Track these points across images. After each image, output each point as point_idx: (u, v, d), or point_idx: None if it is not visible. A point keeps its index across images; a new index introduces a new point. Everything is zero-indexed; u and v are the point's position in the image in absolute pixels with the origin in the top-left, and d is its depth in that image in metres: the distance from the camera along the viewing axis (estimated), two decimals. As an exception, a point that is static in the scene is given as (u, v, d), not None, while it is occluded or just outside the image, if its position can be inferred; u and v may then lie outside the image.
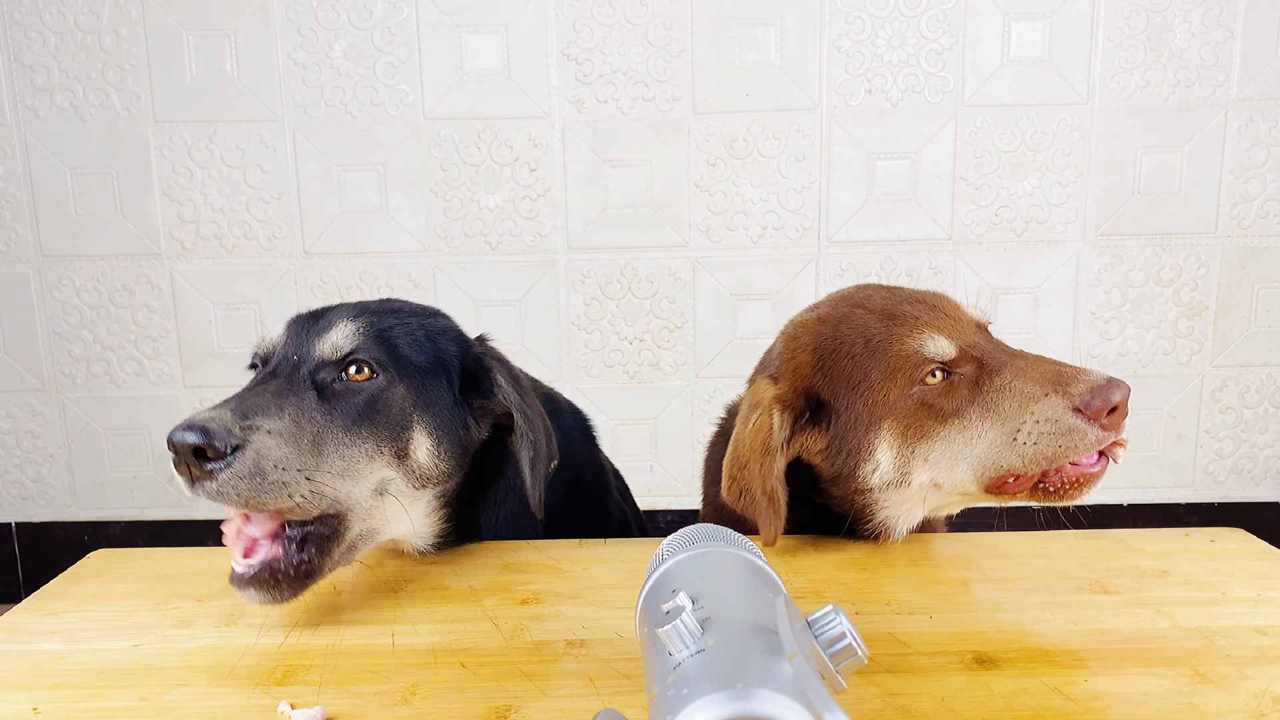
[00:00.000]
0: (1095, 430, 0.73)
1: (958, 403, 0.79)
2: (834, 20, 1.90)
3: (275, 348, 0.81)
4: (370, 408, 0.77)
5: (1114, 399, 0.72)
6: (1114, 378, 0.74)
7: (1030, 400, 0.75)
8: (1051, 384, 0.75)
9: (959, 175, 1.96)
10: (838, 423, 0.84)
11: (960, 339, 0.81)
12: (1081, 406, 0.73)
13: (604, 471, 1.10)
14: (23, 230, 1.96)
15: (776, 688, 0.38)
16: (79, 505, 2.09)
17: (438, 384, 0.82)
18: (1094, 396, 0.73)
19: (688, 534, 0.58)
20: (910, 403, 0.80)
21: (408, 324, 0.83)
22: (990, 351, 0.81)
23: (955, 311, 0.85)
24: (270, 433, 0.69)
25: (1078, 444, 0.74)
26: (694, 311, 2.02)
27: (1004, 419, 0.76)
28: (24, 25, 1.88)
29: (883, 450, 0.82)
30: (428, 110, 1.93)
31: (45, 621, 0.74)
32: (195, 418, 0.67)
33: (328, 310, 0.85)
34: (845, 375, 0.83)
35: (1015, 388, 0.77)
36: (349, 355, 0.78)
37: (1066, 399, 0.74)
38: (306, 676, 0.64)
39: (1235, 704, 0.58)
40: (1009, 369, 0.78)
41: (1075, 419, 0.73)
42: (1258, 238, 1.99)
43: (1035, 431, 0.75)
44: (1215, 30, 1.90)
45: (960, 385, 0.80)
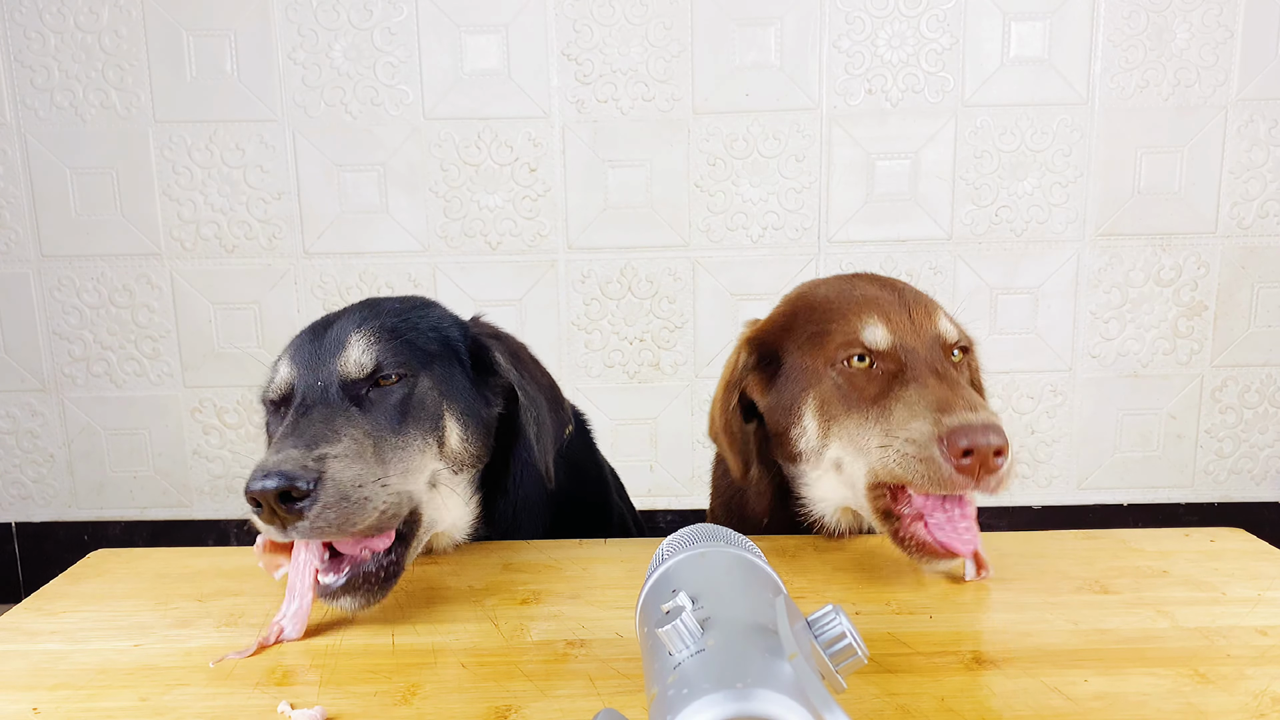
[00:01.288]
0: (948, 467, 0.71)
1: (865, 394, 0.81)
2: (834, 20, 1.90)
3: (292, 383, 0.81)
4: (406, 406, 0.79)
5: (976, 440, 0.70)
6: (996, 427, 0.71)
7: (911, 417, 0.75)
8: (936, 409, 0.74)
9: (959, 175, 1.96)
10: (782, 377, 0.88)
11: (901, 339, 0.82)
12: (943, 437, 0.72)
13: (603, 470, 1.11)
14: (23, 230, 1.96)
15: (776, 688, 0.38)
16: (79, 505, 2.09)
17: (453, 369, 0.85)
18: (957, 433, 0.71)
19: (688, 534, 0.58)
20: (830, 378, 0.83)
21: (409, 320, 0.84)
22: (920, 362, 0.80)
23: (923, 318, 0.85)
24: (338, 457, 0.70)
25: (928, 473, 0.72)
26: (694, 311, 2.02)
27: (887, 428, 0.77)
28: (24, 25, 1.88)
29: (808, 417, 0.85)
30: (428, 110, 1.93)
31: (45, 621, 0.74)
32: (267, 465, 0.67)
33: (326, 327, 0.84)
34: (799, 336, 0.87)
35: (909, 401, 0.77)
36: (376, 368, 0.79)
37: (936, 426, 0.73)
38: (306, 676, 0.64)
39: (1235, 704, 0.58)
40: (918, 384, 0.78)
41: (935, 449, 0.72)
42: (1258, 238, 1.99)
43: (901, 449, 0.74)
44: (1215, 30, 1.90)
45: (875, 379, 0.81)
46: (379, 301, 0.89)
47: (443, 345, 0.85)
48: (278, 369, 0.83)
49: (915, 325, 0.84)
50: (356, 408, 0.77)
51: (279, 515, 0.67)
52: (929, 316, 0.85)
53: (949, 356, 0.84)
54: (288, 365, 0.82)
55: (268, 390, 0.84)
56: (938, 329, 0.85)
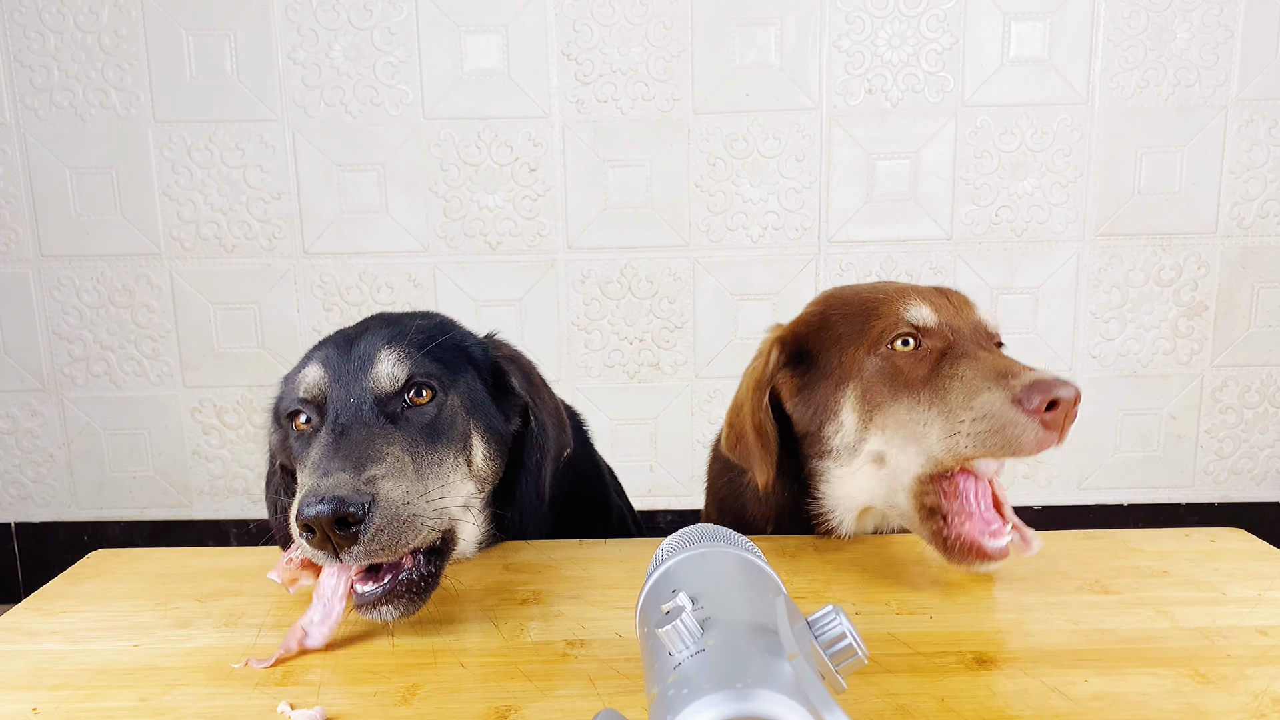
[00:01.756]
0: (1034, 426, 0.71)
1: (914, 376, 0.80)
2: (834, 20, 1.90)
3: (324, 390, 0.79)
4: (438, 424, 0.79)
5: (1055, 393, 0.70)
6: (1064, 379, 0.72)
7: (975, 392, 0.75)
8: (997, 377, 0.74)
9: (959, 175, 1.96)
10: (814, 372, 0.87)
11: (944, 317, 0.82)
12: (1021, 398, 0.71)
13: (600, 470, 1.11)
14: (23, 230, 1.96)
15: (776, 688, 0.38)
16: (79, 505, 2.09)
17: (476, 386, 0.85)
18: (1034, 389, 0.71)
19: (688, 534, 0.58)
20: (875, 366, 0.82)
21: (434, 337, 0.85)
22: (964, 339, 0.81)
23: (962, 304, 0.86)
24: (385, 478, 0.70)
25: (1015, 437, 0.72)
26: (694, 311, 2.02)
27: (949, 409, 0.76)
28: (24, 25, 1.88)
29: (846, 411, 0.84)
30: (428, 110, 1.93)
31: (45, 621, 0.74)
32: (320, 490, 0.66)
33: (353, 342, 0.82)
34: (834, 332, 0.87)
35: (966, 377, 0.76)
36: (408, 381, 0.79)
37: (1008, 391, 0.73)
38: (306, 676, 0.64)
39: (1235, 704, 0.58)
40: (969, 359, 0.78)
41: (1014, 411, 0.72)
42: (1258, 238, 1.99)
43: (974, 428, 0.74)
44: (1215, 30, 1.90)
45: (923, 359, 0.80)
46: (400, 318, 0.88)
47: (465, 363, 0.86)
48: (305, 372, 0.81)
49: (956, 309, 0.84)
50: (392, 424, 0.76)
51: (332, 541, 0.66)
52: (967, 304, 0.86)
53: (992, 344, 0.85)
54: (319, 371, 0.80)
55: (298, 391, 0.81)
56: (977, 315, 0.86)
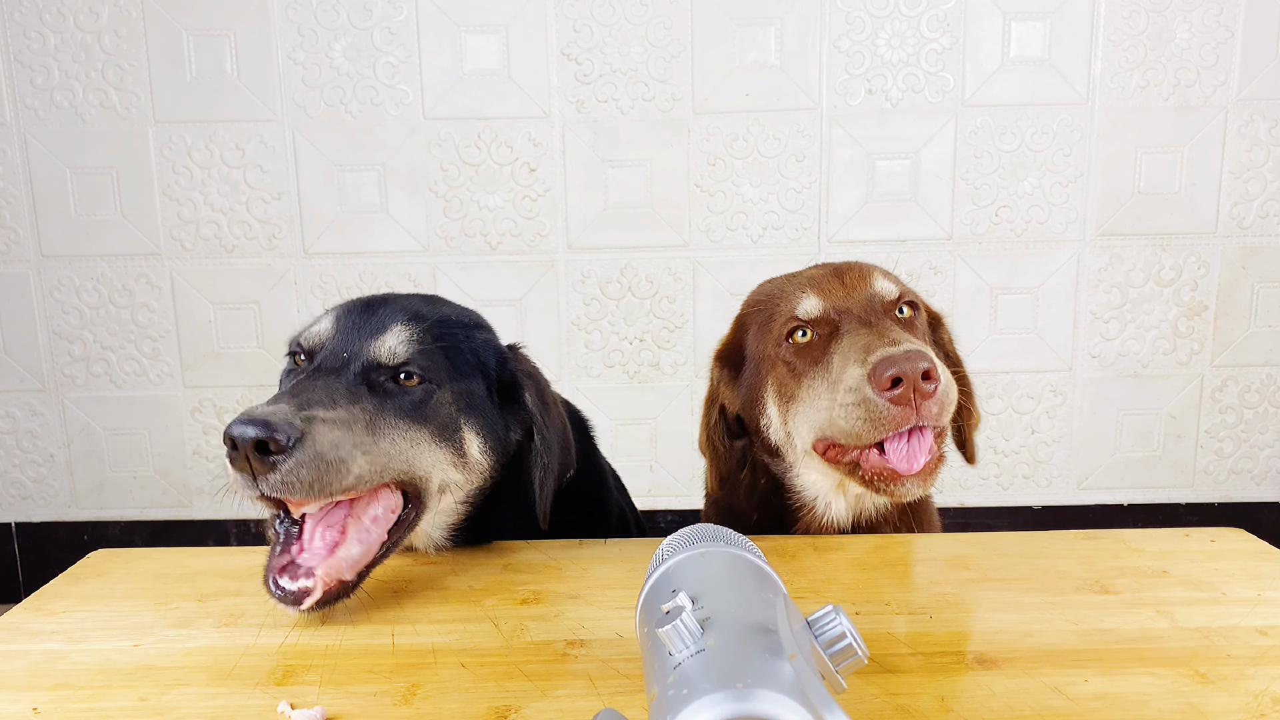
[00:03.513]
0: (883, 402, 0.70)
1: (808, 363, 0.81)
2: (834, 20, 1.90)
3: (324, 340, 0.82)
4: (421, 406, 0.79)
5: (901, 368, 0.69)
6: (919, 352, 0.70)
7: (845, 365, 0.75)
8: (862, 351, 0.74)
9: (959, 175, 1.96)
10: (743, 374, 0.90)
11: (831, 302, 0.83)
12: (871, 375, 0.71)
13: (602, 471, 1.10)
14: (23, 230, 1.96)
15: (776, 688, 0.38)
16: (79, 505, 2.09)
17: (479, 390, 0.86)
18: (880, 365, 0.70)
19: (688, 534, 0.58)
20: (780, 358, 0.84)
21: (455, 335, 0.85)
22: (849, 317, 0.81)
23: (856, 281, 0.85)
24: (326, 421, 0.70)
25: (871, 415, 0.71)
26: (694, 311, 2.02)
27: (831, 383, 0.76)
28: (24, 25, 1.88)
29: (769, 403, 0.86)
30: (428, 110, 1.93)
31: (45, 621, 0.74)
32: (254, 412, 0.67)
33: (378, 306, 0.84)
34: (751, 333, 0.90)
35: (843, 350, 0.77)
36: (403, 364, 0.79)
37: (864, 367, 0.72)
38: (306, 676, 0.64)
39: (1235, 704, 0.58)
40: (850, 336, 0.78)
41: (868, 389, 0.71)
42: (1258, 238, 1.99)
43: (844, 401, 0.74)
44: (1215, 30, 1.90)
45: (815, 346, 0.82)
46: (437, 303, 0.89)
47: (475, 369, 0.86)
48: (320, 320, 0.84)
49: (848, 289, 0.85)
50: (367, 389, 0.77)
51: (251, 464, 0.66)
52: (862, 279, 0.86)
53: (892, 312, 0.84)
54: (330, 322, 0.83)
55: (301, 336, 0.84)
56: (872, 288, 0.85)
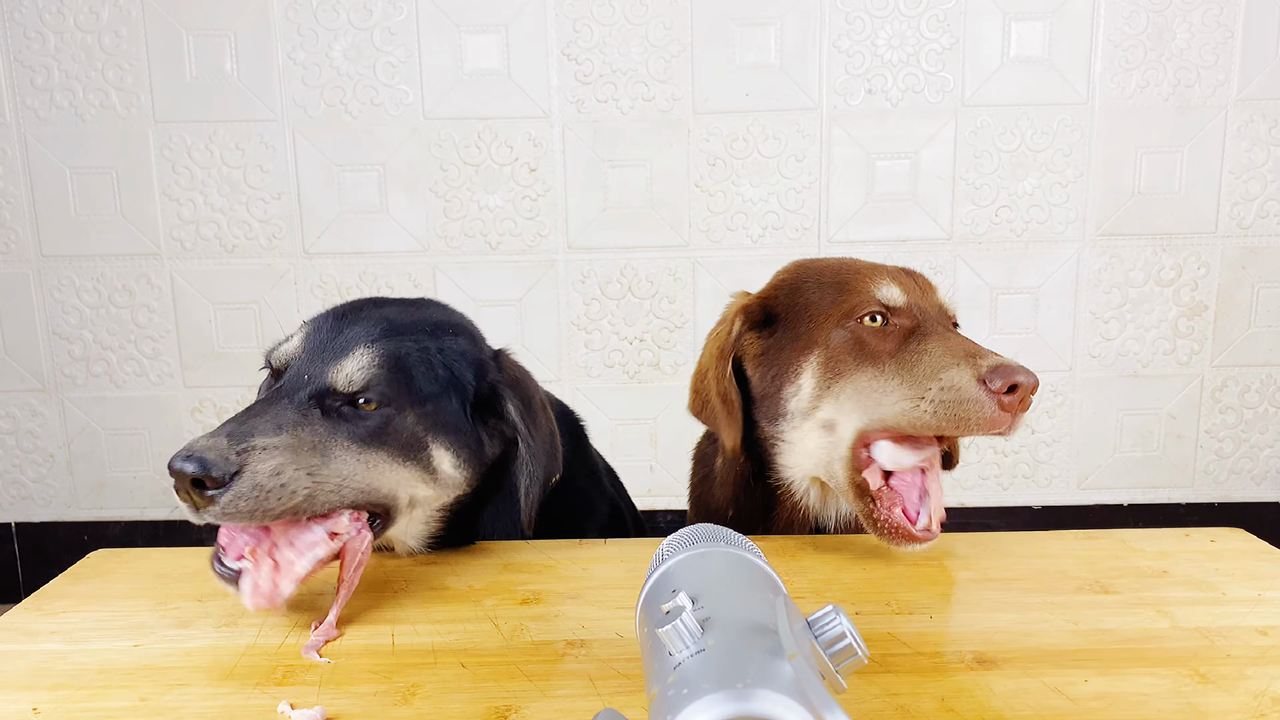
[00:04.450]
0: (993, 405, 0.75)
1: (881, 349, 0.83)
2: (834, 20, 1.90)
3: (290, 360, 0.80)
4: (379, 431, 0.78)
5: (1016, 378, 0.75)
6: (1027, 368, 0.77)
7: (942, 368, 0.79)
8: (965, 356, 0.79)
9: (959, 175, 1.96)
10: (779, 336, 0.91)
11: (914, 299, 0.86)
12: (985, 379, 0.76)
13: (595, 471, 1.10)
14: (23, 230, 1.96)
15: (776, 688, 0.38)
16: (79, 505, 2.09)
17: (450, 407, 0.83)
18: (997, 372, 0.75)
19: (688, 534, 0.58)
20: (843, 335, 0.85)
21: (426, 350, 0.82)
22: (931, 320, 0.85)
23: (926, 287, 0.90)
24: (265, 449, 0.69)
25: (974, 414, 0.76)
26: (694, 311, 2.02)
27: (915, 379, 0.79)
28: (24, 25, 1.88)
29: (806, 376, 0.87)
30: (428, 110, 1.93)
31: (45, 621, 0.74)
32: (194, 445, 0.67)
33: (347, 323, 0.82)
34: (803, 299, 0.91)
35: (934, 353, 0.80)
36: (360, 391, 0.78)
37: (974, 370, 0.77)
38: (306, 676, 0.64)
39: (1235, 704, 0.58)
40: (936, 337, 0.82)
41: (977, 389, 0.76)
42: (1258, 238, 1.99)
43: (938, 398, 0.77)
44: (1215, 30, 1.90)
45: (890, 336, 0.84)
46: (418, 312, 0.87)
47: (448, 383, 0.83)
48: (291, 338, 0.83)
49: (922, 291, 0.88)
50: (320, 412, 0.76)
51: (193, 498, 0.67)
52: (930, 287, 0.90)
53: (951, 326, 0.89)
54: (299, 340, 0.82)
55: (272, 353, 0.83)
56: (939, 299, 0.90)
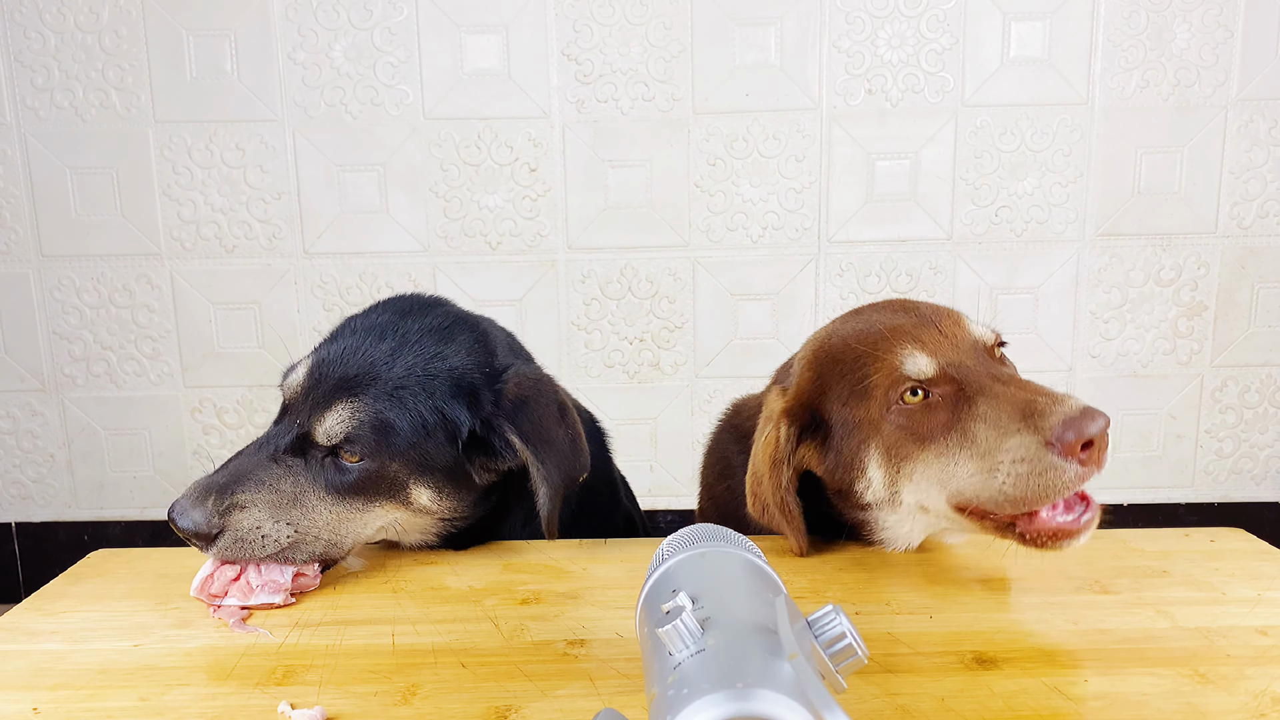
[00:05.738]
0: (1073, 467, 0.68)
1: (935, 427, 0.76)
2: (834, 20, 1.90)
3: (294, 395, 0.83)
4: (359, 485, 0.81)
5: (1089, 431, 0.67)
6: (1090, 407, 0.68)
7: (1005, 435, 0.71)
8: (1024, 417, 0.70)
9: (959, 175, 1.96)
10: (834, 437, 0.83)
11: (943, 358, 0.78)
12: (1055, 441, 0.68)
13: (614, 483, 1.10)
14: (23, 230, 1.96)
15: (776, 688, 0.38)
16: (79, 505, 2.09)
17: (438, 449, 0.82)
18: (1067, 429, 0.67)
19: (688, 534, 0.58)
20: (892, 422, 0.78)
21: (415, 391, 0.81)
22: (973, 374, 0.76)
23: (953, 329, 0.81)
24: (246, 507, 0.76)
25: (1054, 483, 0.68)
26: (694, 311, 2.02)
27: (981, 453, 0.72)
28: (24, 25, 1.88)
29: (873, 468, 0.80)
30: (428, 110, 1.93)
31: (45, 621, 0.74)
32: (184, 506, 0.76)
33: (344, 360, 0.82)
34: (837, 391, 0.82)
35: (990, 418, 0.72)
36: (343, 440, 0.79)
37: (1039, 434, 0.69)
38: (306, 676, 0.64)
39: (1235, 704, 0.58)
40: (986, 396, 0.74)
41: (1050, 456, 0.68)
42: (1258, 238, 1.99)
43: (1012, 471, 0.70)
44: (1215, 30, 1.90)
45: (939, 408, 0.76)
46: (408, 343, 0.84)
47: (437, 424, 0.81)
48: (296, 369, 0.85)
49: (949, 338, 0.80)
50: (304, 463, 0.80)
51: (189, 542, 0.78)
52: (958, 326, 0.82)
53: (995, 357, 0.81)
54: (303, 376, 0.83)
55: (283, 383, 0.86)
56: (972, 335, 0.81)
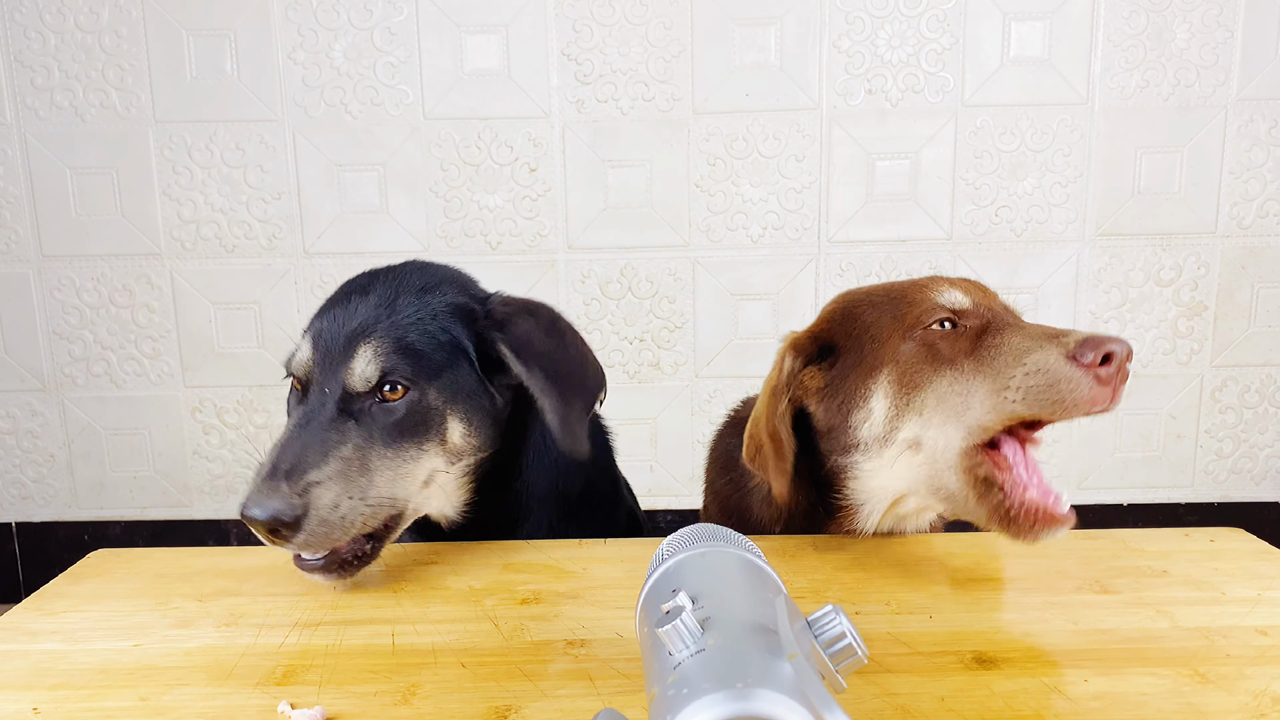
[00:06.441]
0: (1089, 380, 0.70)
1: (955, 351, 0.78)
2: (834, 20, 1.90)
3: (308, 368, 0.83)
4: (408, 421, 0.81)
5: (1109, 348, 0.70)
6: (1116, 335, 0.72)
7: (1024, 353, 0.74)
8: (1047, 337, 0.74)
9: (959, 175, 1.96)
10: (840, 364, 0.85)
11: (979, 300, 0.82)
12: (1075, 354, 0.71)
13: (617, 480, 1.11)
14: (23, 230, 1.96)
15: (776, 688, 0.38)
16: (79, 505, 2.09)
17: (461, 371, 0.85)
18: (1088, 345, 0.70)
19: (688, 534, 0.58)
20: (912, 347, 0.80)
21: (421, 319, 0.84)
22: (1001, 317, 0.80)
23: (988, 291, 0.86)
24: (322, 483, 0.75)
25: (1069, 393, 0.71)
26: (694, 311, 2.02)
27: (996, 371, 0.75)
28: (24, 25, 1.88)
29: (877, 398, 0.82)
30: (428, 110, 1.93)
31: (45, 621, 0.74)
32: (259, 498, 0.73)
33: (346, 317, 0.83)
34: (862, 322, 0.85)
35: (1012, 343, 0.76)
36: (381, 380, 0.81)
37: (1060, 348, 0.72)
38: (306, 676, 0.64)
39: (1235, 704, 0.58)
40: (1012, 329, 0.78)
41: (1069, 366, 0.71)
42: (1258, 238, 1.99)
43: (1025, 383, 0.72)
44: (1215, 30, 1.90)
45: (963, 336, 0.79)
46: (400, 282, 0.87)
47: (451, 347, 0.85)
48: (301, 346, 0.85)
49: (985, 294, 0.85)
50: (354, 421, 0.80)
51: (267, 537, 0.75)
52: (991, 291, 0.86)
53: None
54: (309, 349, 0.84)
55: (290, 363, 0.86)
56: (1004, 302, 0.85)
